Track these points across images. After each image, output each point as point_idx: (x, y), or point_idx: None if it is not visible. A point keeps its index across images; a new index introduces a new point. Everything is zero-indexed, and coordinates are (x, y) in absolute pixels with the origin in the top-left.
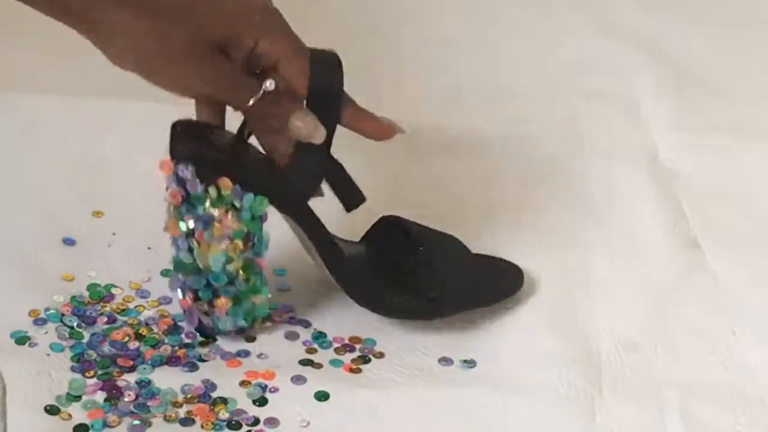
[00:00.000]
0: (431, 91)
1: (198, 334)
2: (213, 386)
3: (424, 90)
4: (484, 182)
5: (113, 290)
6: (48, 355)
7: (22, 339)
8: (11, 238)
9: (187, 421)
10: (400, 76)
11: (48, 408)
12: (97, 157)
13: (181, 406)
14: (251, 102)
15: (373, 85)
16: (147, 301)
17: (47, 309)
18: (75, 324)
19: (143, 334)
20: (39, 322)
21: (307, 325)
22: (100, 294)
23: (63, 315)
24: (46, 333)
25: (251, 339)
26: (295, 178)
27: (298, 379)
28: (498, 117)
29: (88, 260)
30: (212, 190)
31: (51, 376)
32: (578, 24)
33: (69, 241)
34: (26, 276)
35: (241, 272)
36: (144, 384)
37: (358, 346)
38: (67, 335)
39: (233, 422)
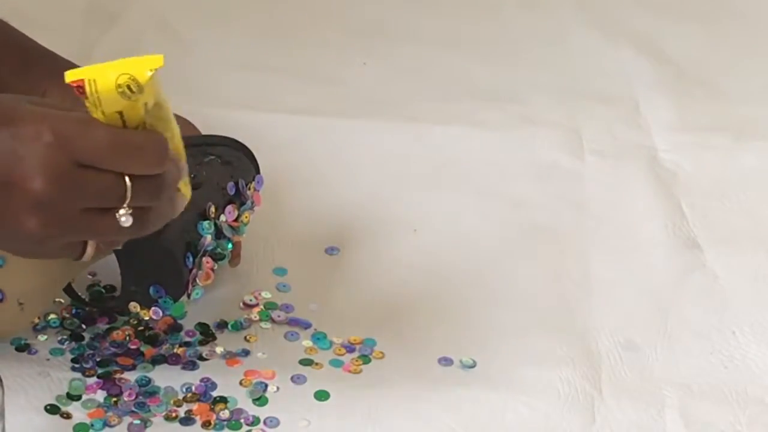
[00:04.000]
0: (431, 91)
1: (199, 332)
2: (213, 385)
3: (424, 90)
4: (483, 182)
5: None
6: (47, 359)
7: (22, 347)
8: None
9: (187, 420)
10: (400, 75)
11: (48, 408)
12: None
13: (181, 405)
14: None
15: (371, 84)
16: None
17: (47, 315)
18: (75, 326)
19: (143, 333)
20: (38, 327)
21: (307, 325)
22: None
23: (63, 319)
24: (46, 339)
25: (251, 338)
26: None
27: (298, 379)
28: (498, 117)
29: None
30: None
31: (51, 376)
32: (578, 24)
33: None
34: None
35: None
36: (144, 383)
37: (358, 346)
38: (67, 338)
39: (233, 421)
